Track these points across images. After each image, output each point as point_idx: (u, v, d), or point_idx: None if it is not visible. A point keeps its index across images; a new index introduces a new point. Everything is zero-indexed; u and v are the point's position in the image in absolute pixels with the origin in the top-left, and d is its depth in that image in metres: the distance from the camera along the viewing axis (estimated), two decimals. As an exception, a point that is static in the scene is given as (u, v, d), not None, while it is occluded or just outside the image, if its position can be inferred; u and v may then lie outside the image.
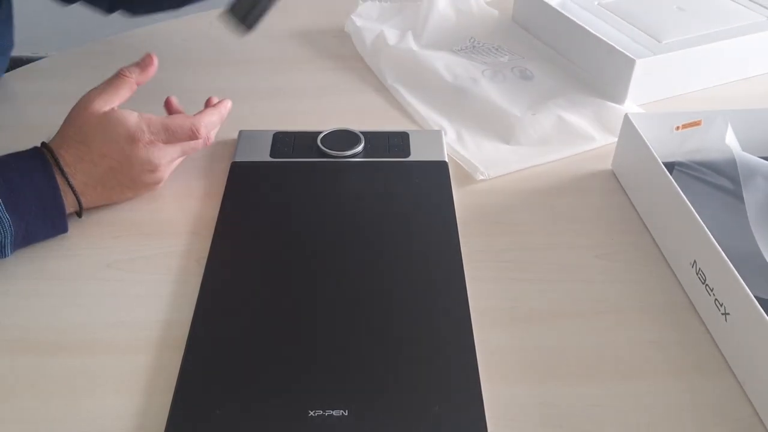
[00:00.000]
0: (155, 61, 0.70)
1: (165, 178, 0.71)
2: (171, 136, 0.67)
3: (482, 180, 0.77)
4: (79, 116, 0.66)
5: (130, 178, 0.68)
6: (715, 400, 0.55)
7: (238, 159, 0.76)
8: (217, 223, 0.68)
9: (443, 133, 0.82)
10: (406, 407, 0.52)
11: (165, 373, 0.55)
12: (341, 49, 1.01)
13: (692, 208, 0.61)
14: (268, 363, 0.56)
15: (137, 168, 0.67)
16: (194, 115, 0.70)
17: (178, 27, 1.06)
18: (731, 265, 0.56)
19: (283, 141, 0.79)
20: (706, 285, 0.60)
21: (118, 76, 0.68)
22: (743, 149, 0.72)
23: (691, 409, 0.54)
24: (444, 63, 0.94)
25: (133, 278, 0.64)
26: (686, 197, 0.63)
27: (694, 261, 0.61)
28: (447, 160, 0.77)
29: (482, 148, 0.81)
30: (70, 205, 0.65)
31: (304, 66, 0.98)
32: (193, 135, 0.68)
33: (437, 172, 0.76)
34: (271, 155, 0.77)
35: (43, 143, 0.65)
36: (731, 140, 0.73)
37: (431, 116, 0.86)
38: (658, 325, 0.61)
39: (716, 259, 0.57)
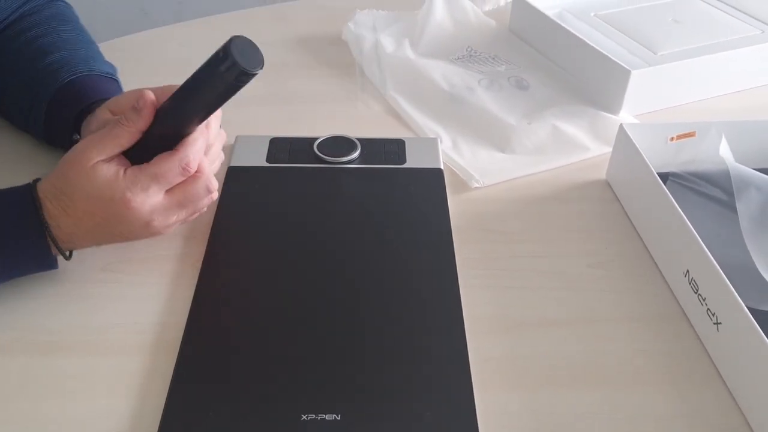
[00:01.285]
0: (150, 100, 0.59)
1: (168, 230, 0.63)
2: (163, 183, 0.59)
3: (477, 188, 0.77)
4: (69, 165, 0.58)
5: (127, 236, 0.62)
6: (706, 409, 0.55)
7: (234, 164, 0.76)
8: (212, 227, 0.69)
9: (439, 140, 0.83)
10: (399, 413, 0.53)
11: (159, 375, 0.55)
12: (338, 57, 1.01)
13: (686, 219, 0.62)
14: (261, 367, 0.56)
15: (129, 225, 0.60)
16: (178, 148, 0.60)
17: (174, 33, 1.06)
18: (724, 276, 0.56)
19: (279, 146, 0.79)
20: (699, 295, 0.60)
21: (117, 124, 0.59)
22: (737, 161, 0.73)
23: (682, 418, 0.54)
24: (441, 71, 0.94)
25: (127, 281, 0.64)
26: (680, 207, 0.63)
27: (687, 271, 0.62)
28: (442, 168, 0.78)
29: (478, 156, 0.82)
30: (54, 249, 0.60)
31: (301, 72, 0.98)
32: (184, 171, 0.60)
33: (432, 180, 0.76)
34: (268, 160, 0.77)
35: (34, 184, 0.59)
36: (725, 152, 0.73)
37: (427, 124, 0.87)
38: (651, 334, 0.61)
39: (709, 269, 0.58)
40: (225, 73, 0.54)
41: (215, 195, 0.64)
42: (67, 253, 0.61)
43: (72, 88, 0.73)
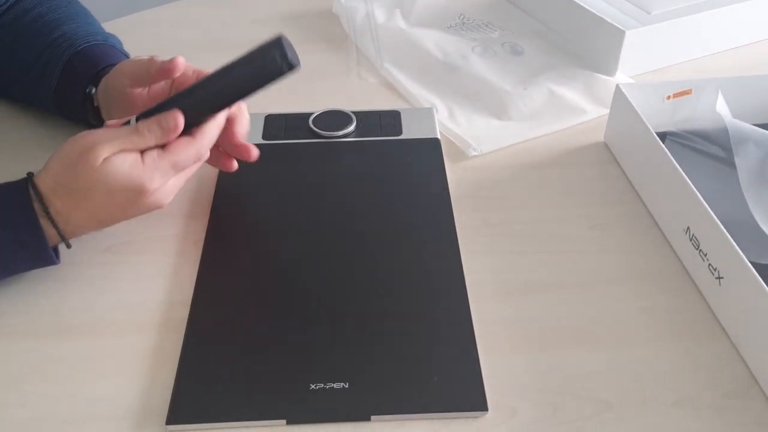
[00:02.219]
0: (179, 126, 0.59)
1: (164, 198, 0.62)
2: (179, 169, 0.60)
3: (475, 156, 0.77)
4: (80, 165, 0.56)
5: (134, 215, 0.61)
6: (710, 362, 0.56)
7: (231, 142, 0.76)
8: (212, 205, 0.69)
9: (435, 110, 0.83)
10: (406, 378, 0.53)
11: (167, 353, 0.56)
12: (330, 30, 1.01)
13: (685, 176, 0.62)
14: (268, 339, 0.56)
15: (145, 208, 0.60)
16: (194, 134, 0.60)
17: (165, 14, 1.05)
18: (724, 230, 0.56)
19: (275, 123, 0.79)
20: (700, 251, 0.60)
21: (136, 132, 0.58)
22: (734, 116, 0.73)
23: (687, 372, 0.55)
24: (434, 40, 0.94)
25: (131, 261, 0.64)
26: (679, 165, 0.63)
27: (688, 227, 0.62)
28: (439, 137, 0.78)
29: (474, 124, 0.82)
30: (56, 240, 0.59)
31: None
32: (198, 158, 0.61)
33: (429, 150, 0.76)
34: (264, 137, 0.77)
35: (30, 179, 0.58)
36: (722, 108, 0.73)
37: (422, 94, 0.87)
38: (653, 292, 0.61)
39: (709, 224, 0.58)
40: (273, 66, 0.59)
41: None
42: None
43: (86, 54, 0.74)
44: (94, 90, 0.71)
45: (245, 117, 0.68)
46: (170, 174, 0.59)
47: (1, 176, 0.67)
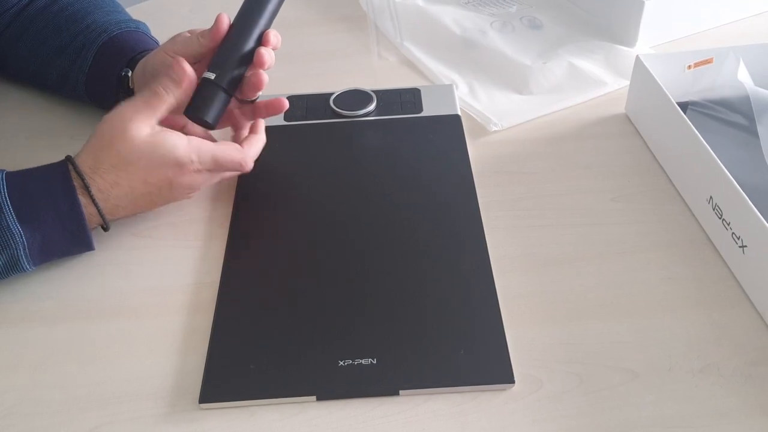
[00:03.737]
0: (189, 72, 0.62)
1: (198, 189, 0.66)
2: (218, 167, 0.64)
3: (496, 131, 0.77)
4: (117, 139, 0.59)
5: (164, 200, 0.64)
6: (735, 330, 0.56)
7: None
8: (236, 188, 0.70)
9: (455, 86, 0.83)
10: (433, 353, 0.54)
11: (198, 333, 0.57)
12: (347, 9, 1.01)
13: (707, 146, 0.62)
14: (296, 317, 0.57)
15: (176, 192, 0.63)
16: (242, 143, 0.66)
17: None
18: (747, 199, 0.56)
19: (296, 104, 0.80)
20: (723, 220, 0.60)
21: (154, 94, 0.61)
22: (756, 84, 0.72)
23: (712, 341, 0.55)
24: (452, 17, 0.94)
25: (159, 245, 0.66)
26: (701, 135, 0.63)
27: (711, 197, 0.62)
28: (460, 114, 0.78)
29: (494, 99, 0.82)
30: (95, 222, 0.62)
31: (311, 29, 0.98)
32: (240, 168, 0.65)
33: (450, 126, 0.76)
34: (285, 119, 0.78)
35: (70, 160, 0.60)
36: (744, 76, 0.73)
37: (442, 71, 0.87)
38: (677, 262, 0.62)
39: (732, 193, 0.58)
40: None
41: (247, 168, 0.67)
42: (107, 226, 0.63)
43: (120, 39, 0.75)
44: (130, 72, 0.72)
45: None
46: (208, 164, 0.62)
47: (33, 164, 0.69)
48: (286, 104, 0.69)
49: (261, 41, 0.65)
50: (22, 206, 0.58)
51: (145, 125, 0.60)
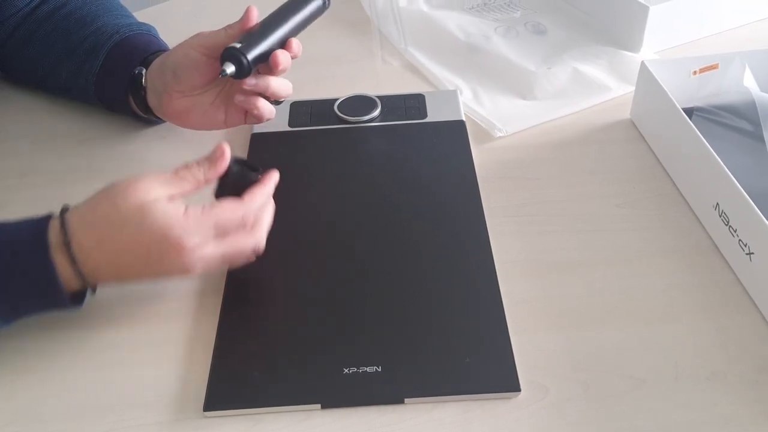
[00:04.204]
0: (227, 153, 0.57)
1: (197, 269, 0.55)
2: (221, 233, 0.54)
3: (500, 137, 0.77)
4: (115, 196, 0.53)
5: (151, 273, 0.55)
6: (742, 337, 0.55)
7: (257, 130, 0.77)
8: (241, 193, 0.69)
9: (459, 92, 0.83)
10: (438, 360, 0.54)
11: (202, 340, 0.57)
12: (352, 15, 1.01)
13: (713, 152, 0.61)
14: (300, 325, 0.57)
15: (168, 268, 0.54)
16: (243, 197, 0.57)
17: (188, 2, 1.06)
18: (754, 206, 0.56)
19: (300, 110, 0.80)
20: (730, 226, 0.60)
21: (184, 172, 0.56)
22: (762, 90, 0.72)
23: (718, 348, 0.55)
24: (456, 22, 0.94)
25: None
26: (706, 141, 0.63)
27: (717, 203, 0.62)
28: (464, 119, 0.78)
29: (499, 105, 0.82)
30: (75, 282, 0.54)
31: (315, 34, 0.97)
32: (242, 226, 0.56)
33: (455, 132, 0.76)
34: (290, 125, 0.78)
35: (63, 210, 0.54)
36: (749, 82, 0.72)
37: (446, 76, 0.87)
38: (683, 269, 0.61)
39: (739, 200, 0.58)
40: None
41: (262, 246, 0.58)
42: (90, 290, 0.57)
43: (132, 41, 0.75)
44: (144, 70, 0.72)
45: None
46: (210, 235, 0.54)
47: (38, 168, 0.69)
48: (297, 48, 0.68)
49: (284, 44, 0.67)
50: None
51: (151, 190, 0.53)
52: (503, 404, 0.52)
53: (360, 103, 0.79)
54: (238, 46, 0.63)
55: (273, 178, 0.60)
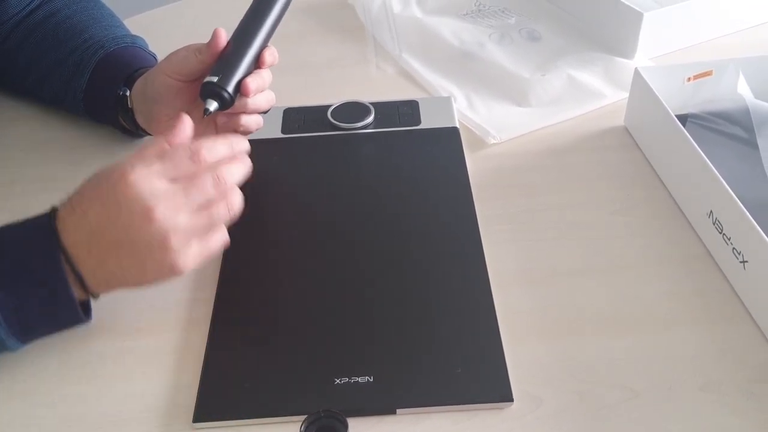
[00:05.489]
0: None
1: (179, 250, 0.53)
2: (169, 164, 0.53)
3: (494, 144, 0.77)
4: (104, 178, 0.53)
5: (125, 233, 0.52)
6: (736, 347, 0.55)
7: (249, 137, 0.76)
8: (233, 201, 0.69)
9: (453, 99, 0.82)
10: (430, 370, 0.53)
11: (192, 351, 0.56)
12: (345, 21, 1.00)
13: (707, 159, 0.61)
14: (291, 335, 0.57)
15: (130, 213, 0.51)
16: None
17: (185, 8, 1.06)
18: (748, 214, 0.56)
19: (293, 117, 0.79)
20: (724, 234, 0.60)
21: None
22: (756, 97, 0.72)
23: (712, 357, 0.54)
24: (450, 29, 0.94)
25: (154, 260, 0.65)
26: (700, 148, 0.62)
27: (711, 211, 0.61)
28: (458, 126, 0.77)
29: (493, 111, 0.81)
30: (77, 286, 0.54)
31: (309, 40, 0.97)
32: (194, 159, 0.54)
33: (449, 139, 0.76)
34: (283, 131, 0.77)
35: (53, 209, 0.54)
36: (743, 89, 0.72)
37: (440, 83, 0.86)
38: (677, 277, 0.61)
39: (733, 208, 0.57)
40: None
41: (235, 206, 0.56)
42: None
43: (117, 56, 0.74)
44: (128, 92, 0.71)
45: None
46: (155, 163, 0.53)
47: (28, 176, 0.69)
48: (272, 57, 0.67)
49: (259, 58, 0.65)
50: None
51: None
52: (496, 415, 0.51)
53: (353, 110, 0.79)
54: (215, 80, 0.61)
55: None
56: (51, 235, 0.52)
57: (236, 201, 0.56)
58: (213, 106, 0.62)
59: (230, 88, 0.62)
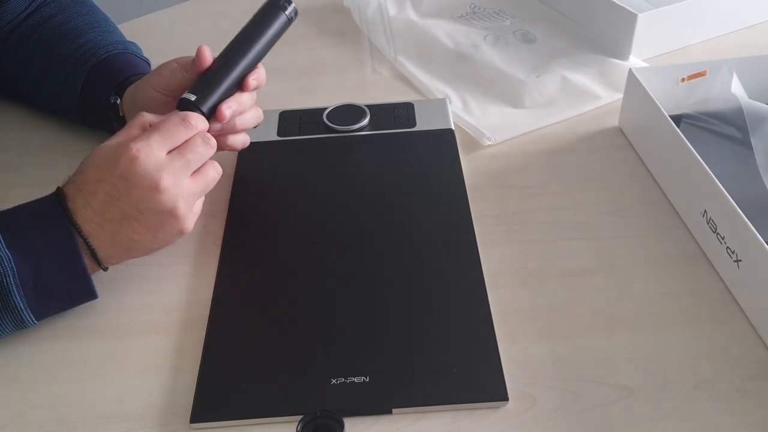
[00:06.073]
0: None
1: (186, 215, 0.58)
2: (165, 135, 0.57)
3: (489, 145, 0.77)
4: (114, 157, 0.56)
5: (135, 207, 0.56)
6: (730, 345, 0.55)
7: (246, 140, 0.77)
8: (229, 204, 0.69)
9: (448, 101, 0.83)
10: (426, 370, 0.53)
11: (189, 351, 0.57)
12: (341, 24, 1.01)
13: (701, 160, 0.61)
14: (288, 336, 0.57)
15: (139, 188, 0.55)
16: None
17: (179, 14, 1.06)
18: (742, 213, 0.56)
19: (289, 119, 0.79)
20: (717, 234, 0.60)
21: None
22: (750, 97, 0.72)
23: (707, 356, 0.55)
24: (445, 31, 0.94)
25: (150, 261, 0.64)
26: (694, 149, 0.63)
27: (705, 211, 0.62)
28: (453, 128, 0.78)
29: (488, 113, 0.82)
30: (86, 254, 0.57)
31: (305, 43, 0.98)
32: (186, 125, 0.58)
33: (444, 140, 0.76)
34: (279, 134, 0.78)
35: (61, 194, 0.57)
36: (737, 89, 0.73)
37: (435, 85, 0.87)
38: (672, 277, 0.61)
39: (726, 208, 0.58)
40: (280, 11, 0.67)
41: (221, 171, 0.61)
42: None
43: (109, 63, 0.75)
44: (119, 100, 0.72)
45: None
46: (153, 135, 0.56)
47: (26, 180, 0.69)
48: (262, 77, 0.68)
49: (242, 83, 0.65)
50: (7, 232, 0.55)
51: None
52: (491, 414, 0.52)
53: (349, 112, 0.79)
54: (192, 98, 0.62)
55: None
56: (62, 213, 0.56)
57: (214, 146, 0.60)
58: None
59: (205, 109, 0.62)
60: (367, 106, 0.79)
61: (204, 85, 0.63)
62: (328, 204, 0.69)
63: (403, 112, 0.80)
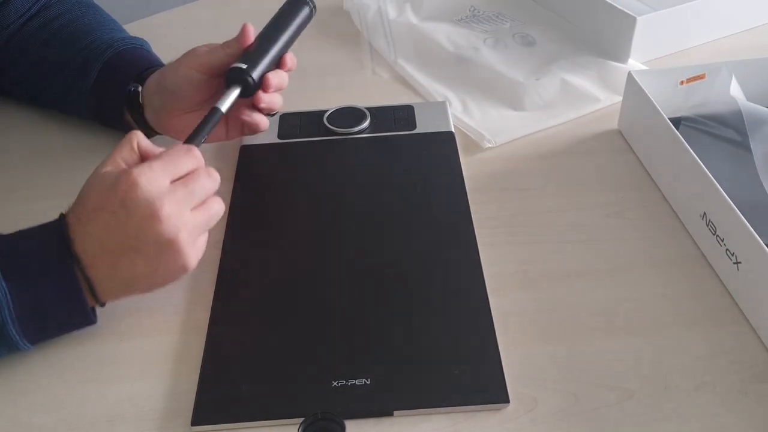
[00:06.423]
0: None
1: (188, 248, 0.54)
2: (168, 164, 0.54)
3: (489, 147, 0.77)
4: (113, 184, 0.53)
5: (134, 236, 0.53)
6: (730, 347, 0.55)
7: (246, 142, 0.77)
8: (230, 207, 0.69)
9: (448, 103, 0.83)
10: (427, 372, 0.53)
11: (190, 354, 0.57)
12: (341, 27, 1.01)
13: (700, 162, 0.62)
14: (288, 338, 0.57)
15: (138, 216, 0.52)
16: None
17: (178, 16, 1.06)
18: (741, 215, 0.56)
19: (289, 122, 0.80)
20: (717, 236, 0.60)
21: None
22: (748, 100, 0.72)
23: (707, 358, 0.55)
24: (445, 34, 0.94)
25: (152, 265, 0.65)
26: (693, 151, 0.63)
27: (704, 213, 0.62)
28: (453, 130, 0.78)
29: (488, 116, 0.82)
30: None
31: (305, 46, 0.97)
32: (190, 154, 0.56)
33: (444, 143, 0.76)
34: (279, 136, 0.78)
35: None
36: (736, 91, 0.73)
37: (435, 88, 0.87)
38: (671, 279, 0.61)
39: (726, 209, 0.58)
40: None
41: (224, 207, 0.59)
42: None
43: (127, 54, 0.76)
44: (140, 88, 0.72)
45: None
46: (155, 163, 0.54)
47: (29, 183, 0.69)
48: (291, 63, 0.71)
49: (281, 60, 0.69)
50: (6, 258, 0.53)
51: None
52: (492, 416, 0.52)
53: (349, 115, 0.79)
54: (243, 67, 0.65)
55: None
56: (63, 242, 0.53)
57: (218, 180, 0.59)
58: (236, 90, 0.65)
59: (255, 76, 0.65)
60: (367, 108, 0.79)
61: (250, 57, 0.66)
62: (329, 206, 0.69)
63: (404, 115, 0.80)
